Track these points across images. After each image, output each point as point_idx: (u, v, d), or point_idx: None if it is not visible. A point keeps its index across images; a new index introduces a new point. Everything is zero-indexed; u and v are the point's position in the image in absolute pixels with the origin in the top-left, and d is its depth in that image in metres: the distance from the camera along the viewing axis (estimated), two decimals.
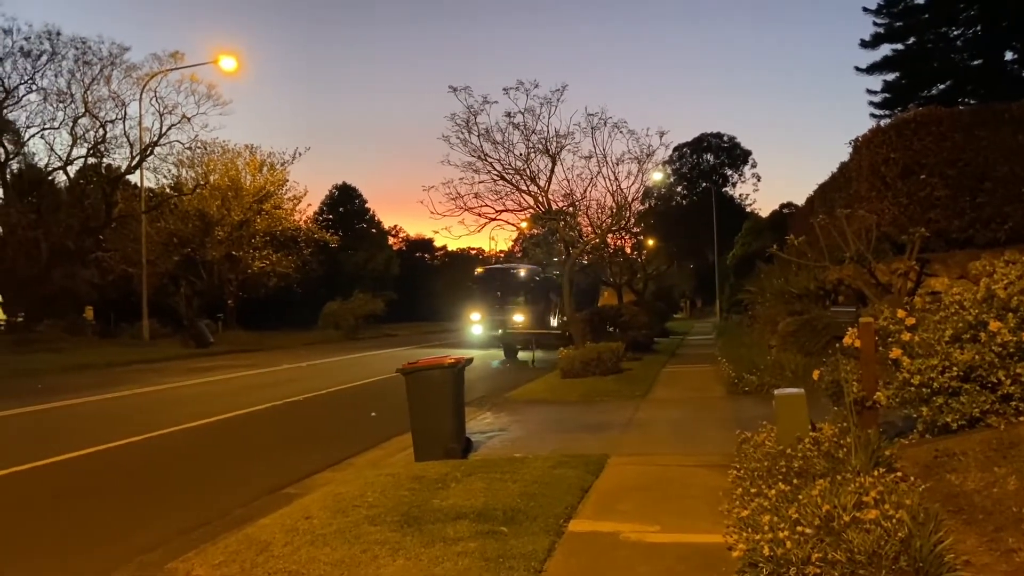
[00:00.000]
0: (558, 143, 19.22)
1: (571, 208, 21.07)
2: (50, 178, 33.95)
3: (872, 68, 40.50)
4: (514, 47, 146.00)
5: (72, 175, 34.54)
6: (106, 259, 33.21)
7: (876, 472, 4.20)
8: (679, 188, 74.44)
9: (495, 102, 19.03)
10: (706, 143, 75.95)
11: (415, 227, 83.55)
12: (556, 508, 5.67)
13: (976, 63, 37.80)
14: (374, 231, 69.67)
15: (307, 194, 43.69)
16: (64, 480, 8.05)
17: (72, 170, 34.20)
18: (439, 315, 56.77)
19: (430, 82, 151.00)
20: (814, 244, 12.90)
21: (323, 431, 11.25)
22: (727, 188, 75.23)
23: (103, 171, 34.73)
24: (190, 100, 34.28)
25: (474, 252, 74.91)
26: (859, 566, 3.39)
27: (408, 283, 66.26)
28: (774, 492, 4.23)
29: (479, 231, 20.95)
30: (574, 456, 7.59)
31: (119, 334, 34.41)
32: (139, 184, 34.31)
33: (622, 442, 8.77)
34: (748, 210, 69.93)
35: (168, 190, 37.10)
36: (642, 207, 30.82)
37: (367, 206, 70.03)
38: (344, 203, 67.88)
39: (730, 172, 76.81)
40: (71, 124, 32.23)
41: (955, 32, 38.31)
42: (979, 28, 37.17)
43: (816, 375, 6.95)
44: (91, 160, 34.19)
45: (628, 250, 34.95)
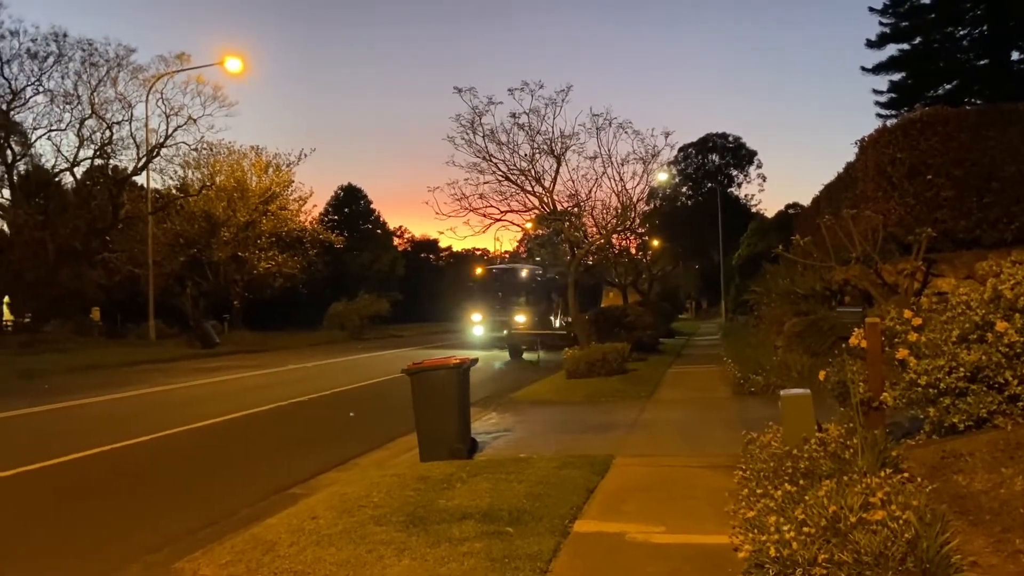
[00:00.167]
0: (563, 144, 19.23)
1: (576, 209, 21.07)
2: (57, 179, 34.08)
3: (878, 68, 40.46)
4: (519, 48, 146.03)
5: (79, 176, 34.68)
6: (113, 260, 33.30)
7: (883, 473, 4.19)
8: (684, 188, 74.48)
9: (500, 103, 19.03)
10: (711, 143, 75.93)
11: (420, 228, 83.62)
12: (561, 509, 5.66)
13: (982, 63, 37.73)
14: (379, 232, 69.79)
15: (312, 195, 43.95)
16: (71, 480, 8.08)
17: (79, 171, 34.37)
18: (444, 316, 56.81)
19: (435, 83, 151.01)
20: (820, 244, 12.87)
21: (328, 431, 11.27)
22: (732, 188, 75.23)
23: (110, 172, 34.82)
24: (196, 101, 34.37)
25: (479, 252, 74.93)
26: (866, 567, 3.38)
27: (413, 284, 66.36)
28: (780, 493, 4.22)
29: (484, 232, 20.92)
30: (579, 457, 7.58)
31: (125, 334, 34.55)
32: (145, 185, 34.47)
33: (627, 443, 8.76)
34: (754, 210, 69.96)
35: (174, 191, 37.18)
36: (647, 208, 30.79)
37: (372, 207, 70.21)
38: (349, 204, 68.02)
39: (735, 172, 76.80)
40: (78, 126, 32.37)
41: (961, 32, 38.24)
42: (985, 28, 37.08)
43: (822, 376, 6.95)
44: (98, 161, 34.33)
45: (633, 251, 34.89)
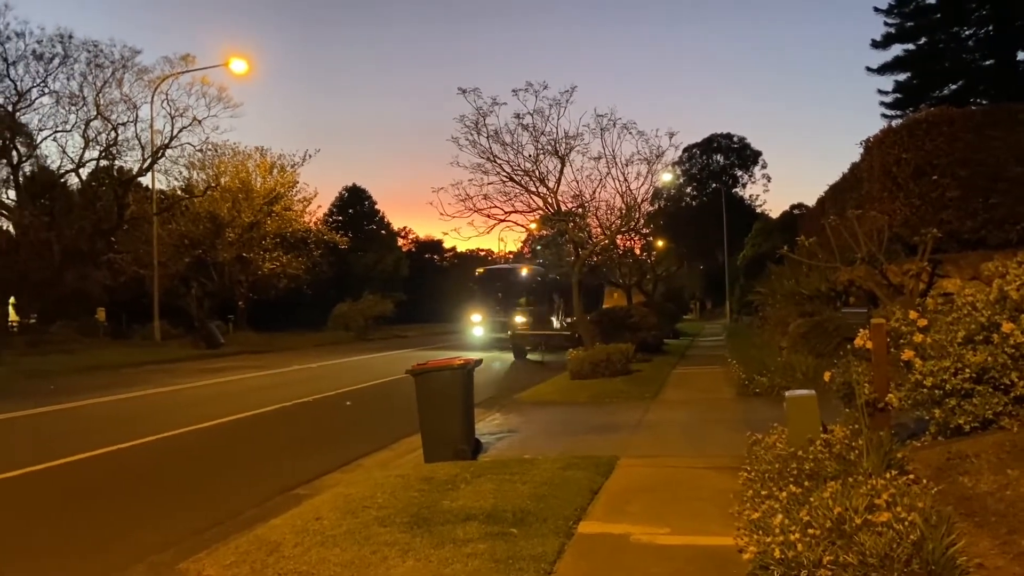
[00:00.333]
0: (567, 144, 19.20)
1: (580, 209, 21.05)
2: (62, 180, 34.16)
3: (883, 68, 40.37)
4: (523, 48, 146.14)
5: (84, 177, 34.75)
6: (118, 261, 33.38)
7: (888, 474, 4.17)
8: (689, 189, 74.41)
9: (504, 103, 19.02)
10: (716, 144, 75.86)
11: (424, 228, 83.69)
12: (566, 509, 5.66)
13: (988, 63, 37.63)
14: (383, 232, 69.80)
15: (317, 195, 43.77)
16: (76, 480, 8.10)
17: (84, 172, 34.42)
18: (448, 316, 56.87)
19: (439, 84, 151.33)
20: (825, 245, 12.85)
21: (333, 432, 11.28)
22: (737, 189, 75.12)
23: (115, 173, 34.90)
24: (201, 103, 34.44)
25: (483, 253, 75.03)
26: (871, 569, 3.37)
27: (417, 284, 66.41)
28: (785, 494, 4.21)
29: (488, 232, 20.98)
30: (584, 457, 7.57)
31: (131, 335, 34.63)
32: (151, 186, 34.54)
33: (632, 443, 8.75)
34: (758, 211, 69.90)
35: (179, 192, 37.25)
36: (652, 208, 30.71)
37: (376, 207, 70.25)
38: (354, 204, 68.07)
39: (740, 173, 76.73)
40: (83, 127, 32.45)
41: (967, 32, 38.15)
42: (991, 28, 36.98)
43: (827, 377, 6.92)
44: (103, 163, 34.40)
45: (638, 251, 34.85)
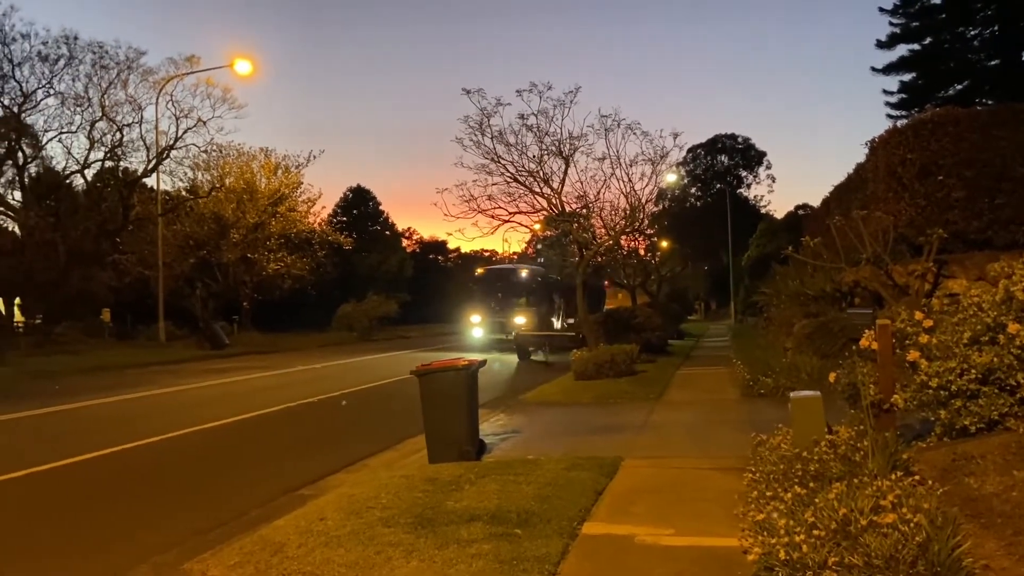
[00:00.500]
0: (571, 145, 19.20)
1: (584, 210, 21.04)
2: (68, 181, 34.19)
3: (888, 68, 40.28)
4: (528, 49, 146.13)
5: (89, 178, 34.79)
6: (123, 262, 33.45)
7: (893, 475, 4.17)
8: (693, 190, 74.22)
9: (508, 104, 19.03)
10: (720, 144, 75.67)
11: (428, 229, 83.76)
12: (570, 510, 5.65)
13: (993, 63, 37.52)
14: (388, 233, 69.87)
15: (321, 196, 43.86)
16: (80, 481, 8.12)
17: (89, 173, 34.45)
18: (452, 317, 56.88)
19: (444, 84, 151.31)
20: (830, 246, 12.83)
21: (337, 432, 11.29)
22: (741, 189, 74.92)
23: (120, 174, 34.95)
24: (205, 104, 34.50)
25: (487, 254, 75.01)
26: (876, 570, 3.36)
27: (421, 285, 66.42)
28: (790, 495, 4.20)
29: (492, 233, 20.98)
30: (588, 458, 7.56)
31: (136, 336, 34.70)
32: (155, 187, 34.57)
33: (636, 444, 8.74)
34: (763, 211, 69.73)
35: (184, 193, 37.30)
36: (656, 209, 30.66)
37: (381, 208, 70.29)
38: (358, 205, 68.13)
39: (744, 173, 76.51)
40: (88, 128, 32.46)
41: (972, 32, 38.03)
42: (996, 28, 36.87)
43: (832, 377, 6.91)
44: (108, 163, 34.41)
45: (642, 252, 34.82)
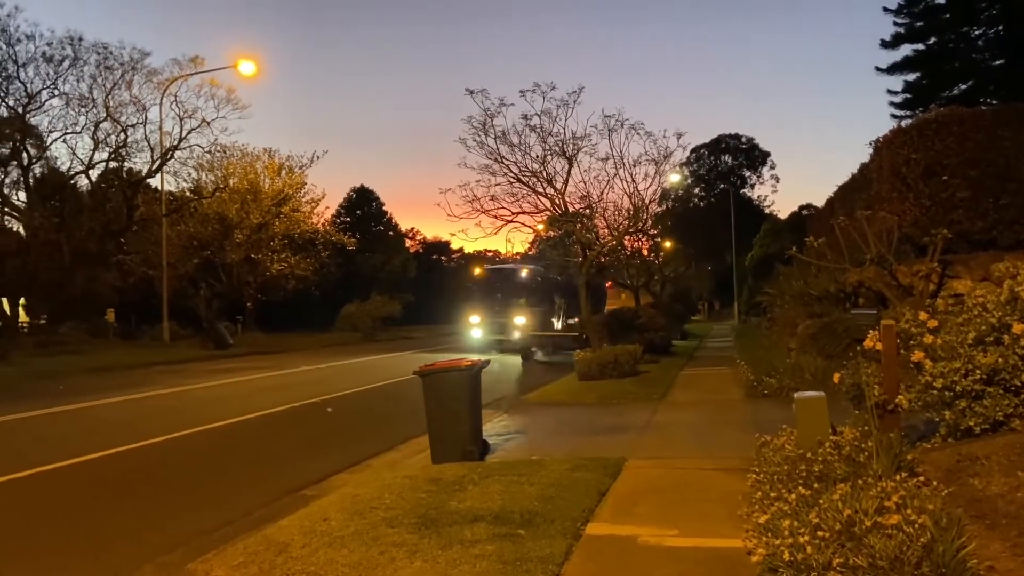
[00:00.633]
0: (575, 145, 19.19)
1: (588, 210, 21.03)
2: (72, 182, 34.30)
3: (893, 68, 40.23)
4: (531, 49, 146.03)
5: (94, 179, 34.90)
6: (127, 262, 33.51)
7: (898, 476, 4.15)
8: (697, 190, 74.26)
9: (511, 104, 19.03)
10: (724, 144, 75.66)
11: (432, 229, 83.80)
12: (573, 511, 5.65)
13: (998, 63, 37.44)
14: (391, 233, 69.93)
15: (325, 197, 43.94)
16: (85, 481, 8.13)
17: (94, 174, 34.57)
18: (455, 317, 56.83)
19: (447, 85, 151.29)
20: (834, 246, 12.80)
21: (340, 433, 11.30)
22: (745, 189, 74.93)
23: (124, 175, 35.03)
24: (210, 104, 34.49)
25: (491, 254, 74.98)
26: (881, 571, 3.35)
27: (425, 285, 66.43)
28: (794, 496, 4.19)
29: (496, 233, 20.93)
30: (591, 459, 7.56)
31: (140, 336, 34.78)
32: (160, 188, 34.66)
33: (640, 445, 8.74)
34: (767, 211, 69.68)
35: (188, 193, 37.38)
36: (659, 209, 30.67)
37: (384, 208, 70.38)
38: (361, 206, 68.21)
39: (748, 173, 76.50)
40: (93, 128, 32.54)
41: (976, 32, 37.98)
42: (1001, 28, 36.80)
43: (837, 378, 6.89)
44: (112, 164, 34.50)
45: (645, 252, 34.77)
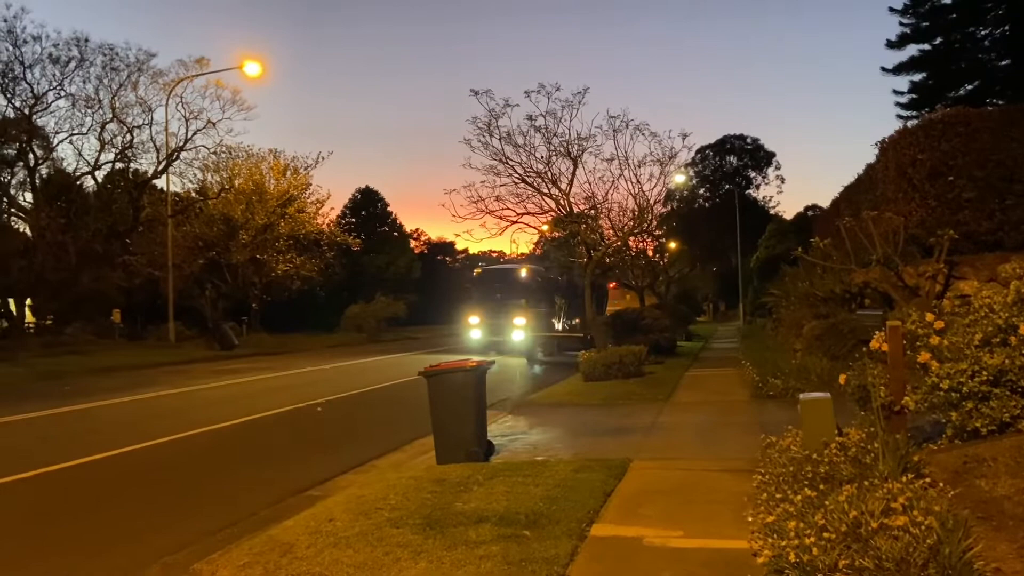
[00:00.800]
0: (579, 146, 19.23)
1: (592, 211, 21.05)
2: (78, 183, 34.41)
3: (898, 68, 40.06)
4: (536, 50, 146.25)
5: (100, 180, 35.01)
6: (133, 263, 33.59)
7: (904, 478, 4.13)
8: (702, 190, 74.06)
9: (516, 105, 19.09)
10: (729, 145, 75.41)
11: (437, 230, 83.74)
12: (579, 512, 5.65)
13: (1004, 63, 37.27)
14: (396, 234, 69.87)
15: (330, 198, 43.82)
16: (91, 481, 8.16)
17: (100, 175, 34.68)
18: (457, 318, 56.77)
19: (452, 85, 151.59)
20: (840, 247, 12.78)
21: (345, 433, 11.31)
22: (750, 190, 74.62)
23: (130, 176, 35.17)
24: (215, 105, 34.63)
25: (495, 255, 74.99)
26: (887, 573, 3.34)
27: (429, 286, 66.46)
28: (800, 498, 4.17)
29: (500, 234, 21.06)
30: (596, 460, 7.55)
31: (146, 336, 34.83)
32: (165, 188, 34.77)
33: (645, 446, 8.73)
34: (772, 212, 69.41)
35: (194, 194, 37.47)
36: (664, 210, 30.70)
37: (389, 209, 70.29)
38: (366, 206, 68.19)
39: (753, 174, 76.22)
40: (99, 129, 32.68)
41: (983, 32, 37.79)
42: (1007, 28, 36.62)
43: (842, 379, 6.88)
44: (118, 165, 34.65)
45: (650, 253, 34.78)
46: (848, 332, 12.71)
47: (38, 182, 33.08)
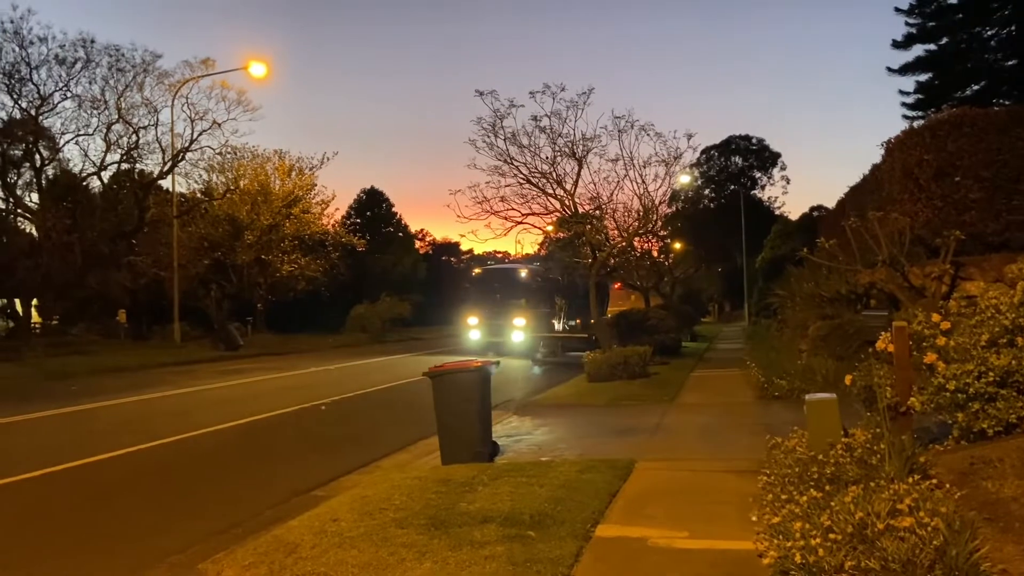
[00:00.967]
0: (584, 146, 19.19)
1: (597, 211, 21.02)
2: (84, 183, 34.45)
3: (904, 69, 39.98)
4: (541, 50, 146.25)
5: (106, 180, 35.06)
6: (138, 263, 33.67)
7: (910, 479, 4.12)
8: (707, 191, 73.96)
9: (521, 106, 19.03)
10: (734, 145, 75.29)
11: (441, 231, 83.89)
12: (583, 513, 5.64)
13: (1011, 63, 37.16)
14: (401, 235, 69.92)
15: (335, 198, 44.04)
16: (96, 481, 8.17)
17: (106, 176, 34.72)
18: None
19: (457, 86, 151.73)
20: (845, 247, 12.73)
21: (350, 434, 11.31)
22: (756, 191, 74.49)
23: (136, 176, 35.20)
24: (220, 106, 34.63)
25: (500, 255, 74.99)
26: (893, 574, 3.33)
27: (434, 286, 66.48)
28: (805, 499, 4.17)
29: (505, 235, 21.03)
30: (601, 460, 7.55)
31: (151, 337, 34.92)
32: (171, 189, 34.80)
33: (650, 447, 8.72)
34: (777, 213, 69.26)
35: (199, 195, 37.56)
36: (669, 210, 30.62)
37: (394, 210, 70.37)
38: (371, 207, 68.25)
39: (759, 175, 76.08)
40: (105, 130, 32.66)
41: (989, 32, 37.70)
42: (1013, 28, 36.52)
43: (848, 380, 6.86)
44: (124, 166, 34.65)
45: (655, 253, 34.72)
46: (854, 333, 12.67)
47: (44, 183, 33.16)
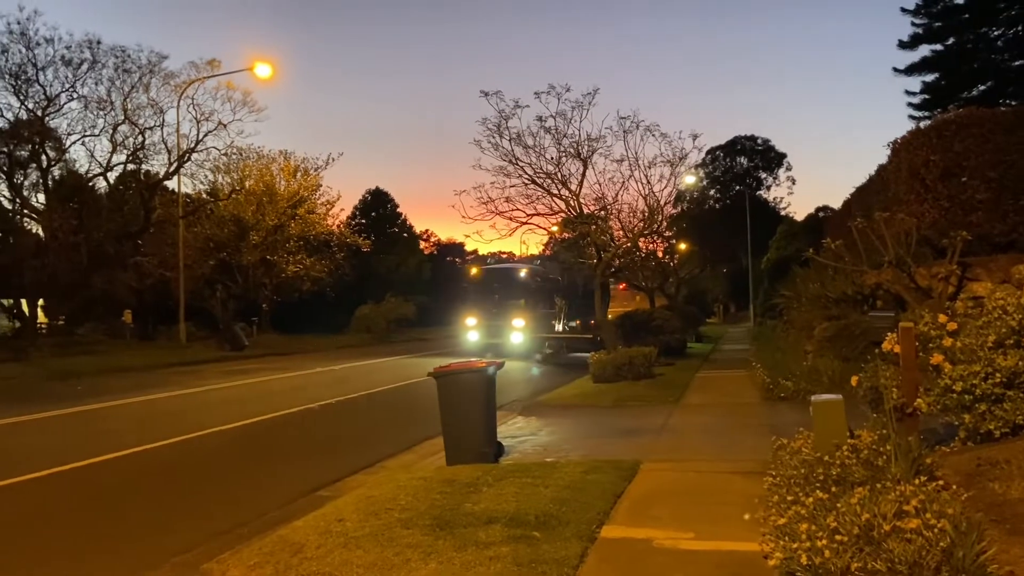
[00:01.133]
0: (589, 147, 19.20)
1: (602, 212, 21.02)
2: (90, 184, 34.54)
3: (911, 69, 39.88)
4: (546, 50, 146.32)
5: (112, 181, 35.16)
6: (144, 264, 33.74)
7: (917, 480, 4.11)
8: (712, 191, 73.91)
9: (526, 106, 19.05)
10: (739, 146, 75.22)
11: (446, 231, 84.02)
12: (589, 513, 5.63)
13: (1017, 63, 37.05)
14: (406, 235, 69.98)
15: (340, 199, 44.01)
16: (101, 481, 8.19)
17: (112, 176, 34.80)
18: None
19: (462, 86, 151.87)
20: (851, 248, 12.69)
21: (355, 434, 11.33)
22: (761, 191, 74.42)
23: (142, 177, 35.27)
24: (226, 107, 34.68)
25: (505, 256, 74.98)
26: None
27: (439, 287, 66.50)
28: (811, 500, 4.16)
29: (510, 235, 21.04)
30: (607, 461, 7.54)
31: (156, 337, 34.99)
32: (176, 190, 34.92)
33: (655, 448, 8.70)
34: (783, 213, 69.13)
35: (204, 195, 37.65)
36: (674, 211, 30.63)
37: (399, 210, 70.45)
38: (376, 208, 68.33)
39: (764, 175, 76.00)
40: (111, 131, 32.77)
41: (996, 32, 37.58)
42: (1020, 28, 36.42)
43: (854, 381, 6.84)
44: (130, 166, 34.73)
45: (660, 254, 34.68)
46: (860, 334, 12.63)
47: (51, 183, 33.24)
